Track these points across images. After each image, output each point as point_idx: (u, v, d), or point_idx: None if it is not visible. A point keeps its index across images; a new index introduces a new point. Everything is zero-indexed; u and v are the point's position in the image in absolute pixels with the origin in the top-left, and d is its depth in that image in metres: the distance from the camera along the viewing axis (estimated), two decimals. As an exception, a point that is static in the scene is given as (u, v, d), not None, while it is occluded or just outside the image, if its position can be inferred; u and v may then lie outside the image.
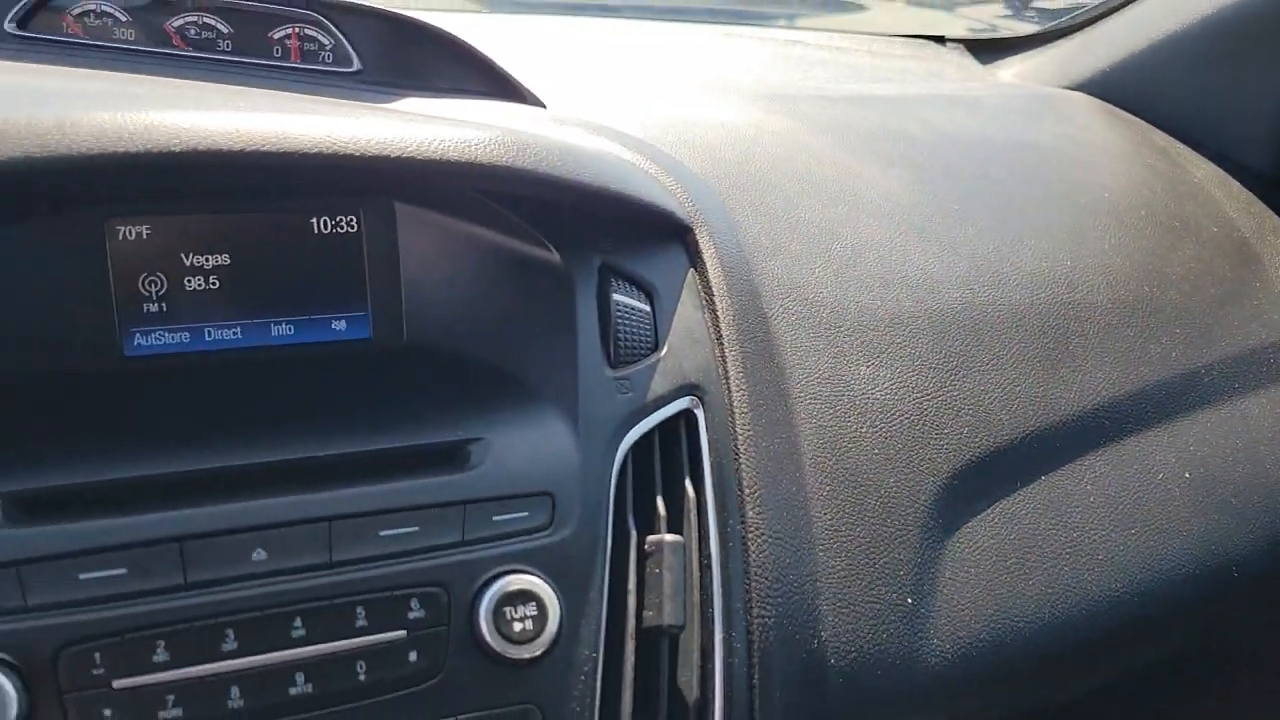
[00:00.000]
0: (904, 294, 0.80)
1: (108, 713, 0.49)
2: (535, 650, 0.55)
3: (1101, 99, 1.20)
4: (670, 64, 1.18)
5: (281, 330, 0.68)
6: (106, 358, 0.64)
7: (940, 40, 1.40)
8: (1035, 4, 2.39)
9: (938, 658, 0.70)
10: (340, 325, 0.69)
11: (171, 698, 0.50)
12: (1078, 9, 1.32)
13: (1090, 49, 1.26)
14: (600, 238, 0.68)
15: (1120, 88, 1.20)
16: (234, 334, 0.67)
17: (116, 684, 0.50)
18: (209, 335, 0.66)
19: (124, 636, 0.50)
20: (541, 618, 0.55)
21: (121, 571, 0.52)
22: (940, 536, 0.73)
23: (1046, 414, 0.80)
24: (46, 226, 0.62)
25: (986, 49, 1.39)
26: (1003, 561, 0.74)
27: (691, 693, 0.61)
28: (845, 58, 1.30)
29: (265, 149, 0.58)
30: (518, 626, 0.54)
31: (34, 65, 0.76)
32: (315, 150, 0.59)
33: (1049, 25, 1.37)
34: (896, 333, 0.78)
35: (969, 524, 0.75)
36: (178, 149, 0.56)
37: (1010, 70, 1.32)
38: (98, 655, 0.50)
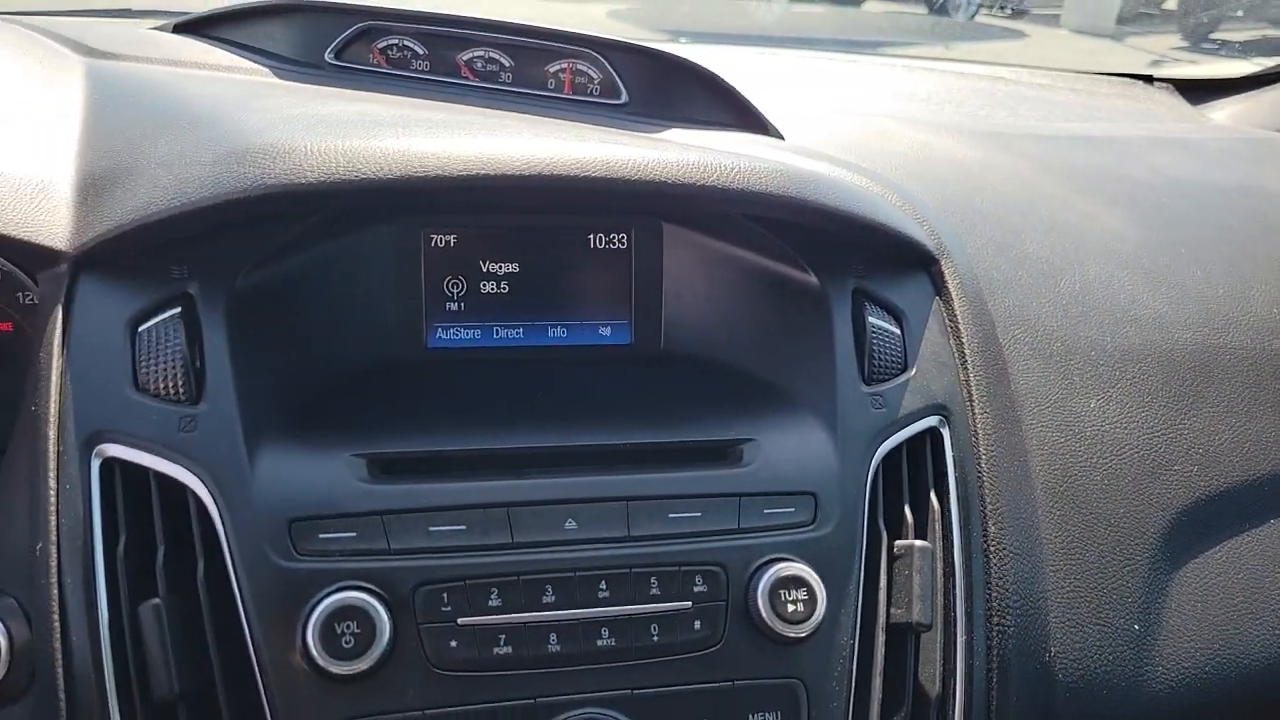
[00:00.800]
0: (1133, 331, 0.83)
1: (454, 644, 0.59)
2: (804, 631, 0.61)
3: (1327, 145, 1.18)
4: (863, 96, 1.23)
5: (556, 333, 0.77)
6: (413, 347, 0.75)
7: (1148, 80, 1.40)
8: (1213, 35, 2.31)
9: (1161, 685, 0.72)
10: (606, 331, 0.77)
11: (503, 637, 0.59)
12: (1262, 41, 1.29)
13: (1314, 93, 1.24)
14: (854, 263, 0.74)
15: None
16: (517, 333, 0.77)
17: (461, 621, 0.59)
18: (497, 333, 0.76)
19: (465, 582, 0.59)
20: (811, 602, 0.61)
21: (462, 528, 0.61)
22: (1167, 569, 0.75)
23: (1277, 459, 0.81)
24: (376, 234, 0.73)
25: (1196, 89, 1.38)
26: (1230, 600, 0.76)
27: (934, 687, 0.66)
28: (1051, 95, 1.32)
29: (570, 173, 0.66)
30: (791, 608, 0.61)
31: (352, 91, 0.88)
32: (613, 175, 0.67)
33: (1267, 67, 1.35)
34: (1126, 369, 0.81)
35: (1196, 560, 0.77)
36: (499, 172, 0.65)
37: (1224, 112, 1.31)
38: (445, 595, 0.59)
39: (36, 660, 0.59)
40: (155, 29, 0.98)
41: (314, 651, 0.56)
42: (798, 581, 0.61)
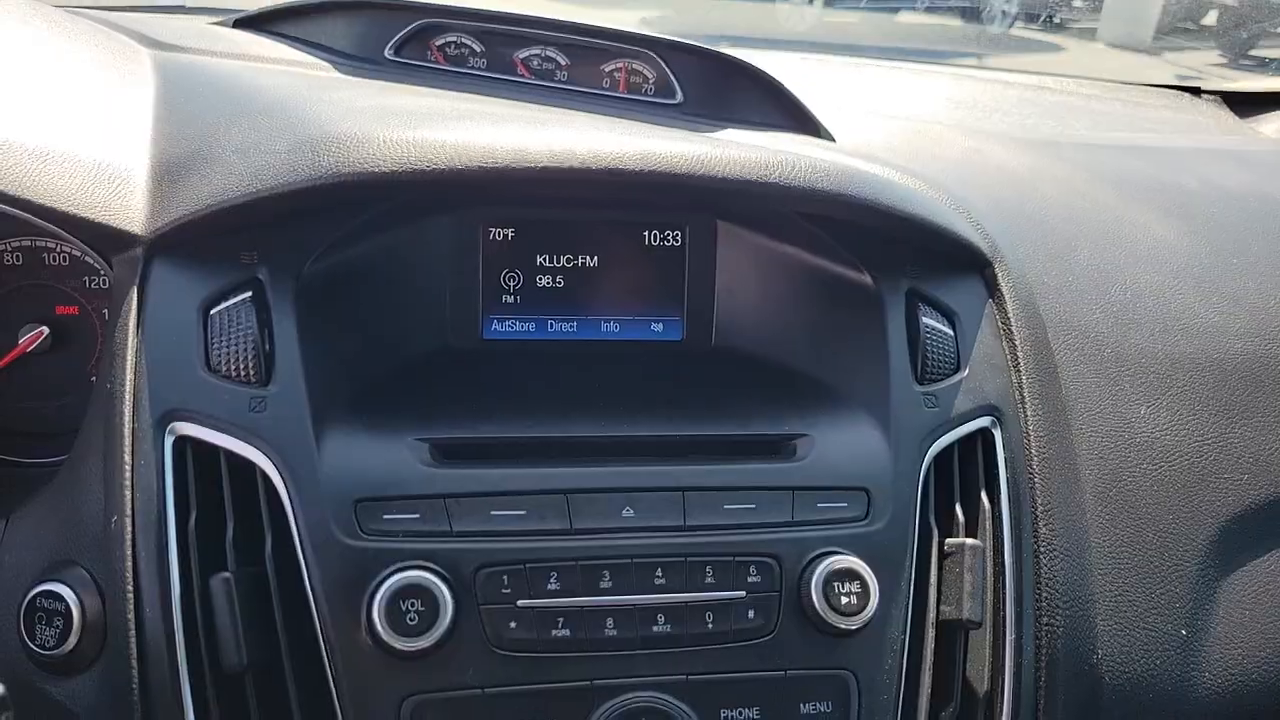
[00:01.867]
0: (1183, 340, 0.83)
1: (513, 625, 0.60)
2: (856, 623, 0.62)
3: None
4: (908, 101, 1.23)
5: (609, 327, 0.78)
6: (469, 338, 0.76)
7: (1195, 91, 1.39)
8: (1252, 52, 2.29)
9: (1208, 691, 0.72)
10: (658, 327, 0.79)
11: (561, 620, 0.60)
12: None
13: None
14: (909, 264, 0.75)
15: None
16: (571, 327, 0.78)
17: (520, 603, 0.60)
18: (551, 326, 0.78)
19: (525, 566, 0.61)
20: (864, 595, 0.62)
21: (522, 513, 0.62)
22: (1215, 577, 0.75)
23: (1329, 471, 0.81)
24: (436, 227, 0.75)
25: (1244, 102, 1.37)
26: (1278, 609, 0.76)
27: (982, 684, 0.66)
28: (1097, 105, 1.32)
29: (633, 167, 0.67)
30: (844, 600, 0.62)
31: (412, 86, 0.90)
32: (675, 170, 0.68)
33: (1317, 81, 1.34)
34: (1176, 376, 0.81)
35: (1245, 569, 0.77)
36: (567, 165, 0.66)
37: (1273, 125, 1.30)
38: (506, 577, 0.60)
39: (108, 629, 0.61)
40: (214, 24, 1.01)
41: (379, 628, 0.57)
42: (851, 574, 0.62)
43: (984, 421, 0.71)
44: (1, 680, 0.64)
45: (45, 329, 0.80)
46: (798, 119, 0.92)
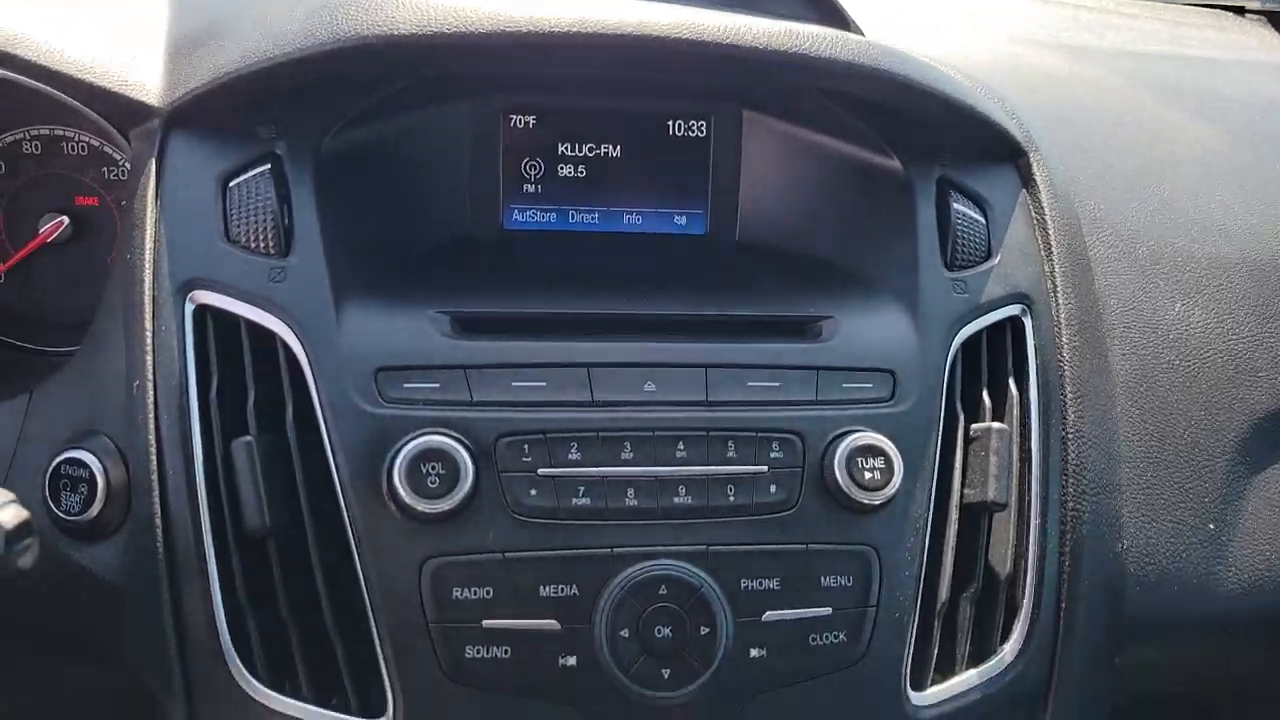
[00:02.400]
0: (1221, 241, 0.81)
1: (533, 492, 0.60)
2: (879, 498, 0.61)
3: None
4: (941, 15, 1.20)
5: (631, 219, 0.77)
6: (490, 227, 0.75)
7: (1239, 10, 1.34)
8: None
9: (1235, 586, 0.71)
10: (681, 220, 0.77)
11: (582, 489, 0.60)
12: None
13: None
14: (940, 151, 0.73)
15: None
16: (593, 218, 0.77)
17: (541, 471, 0.60)
18: (572, 218, 0.76)
19: (546, 435, 0.60)
20: (888, 470, 0.61)
21: (543, 384, 0.62)
22: (1245, 473, 0.74)
23: (1365, 373, 0.79)
24: (456, 112, 0.73)
25: (1291, 22, 1.32)
26: (1308, 507, 0.74)
27: (1005, 567, 0.66)
28: (1138, 23, 1.27)
29: (662, 34, 0.64)
30: (868, 475, 0.61)
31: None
32: (703, 38, 0.65)
33: (1367, 1, 1.29)
34: (1213, 276, 0.79)
35: (1274, 468, 0.75)
36: (593, 30, 0.63)
37: (1319, 44, 1.26)
38: (526, 446, 0.60)
39: (132, 494, 0.61)
40: None
41: (400, 490, 0.57)
42: (875, 450, 0.61)
43: (1014, 309, 0.70)
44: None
45: (65, 219, 0.80)
46: (826, 12, 0.89)
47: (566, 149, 0.75)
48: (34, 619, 0.64)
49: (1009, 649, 0.66)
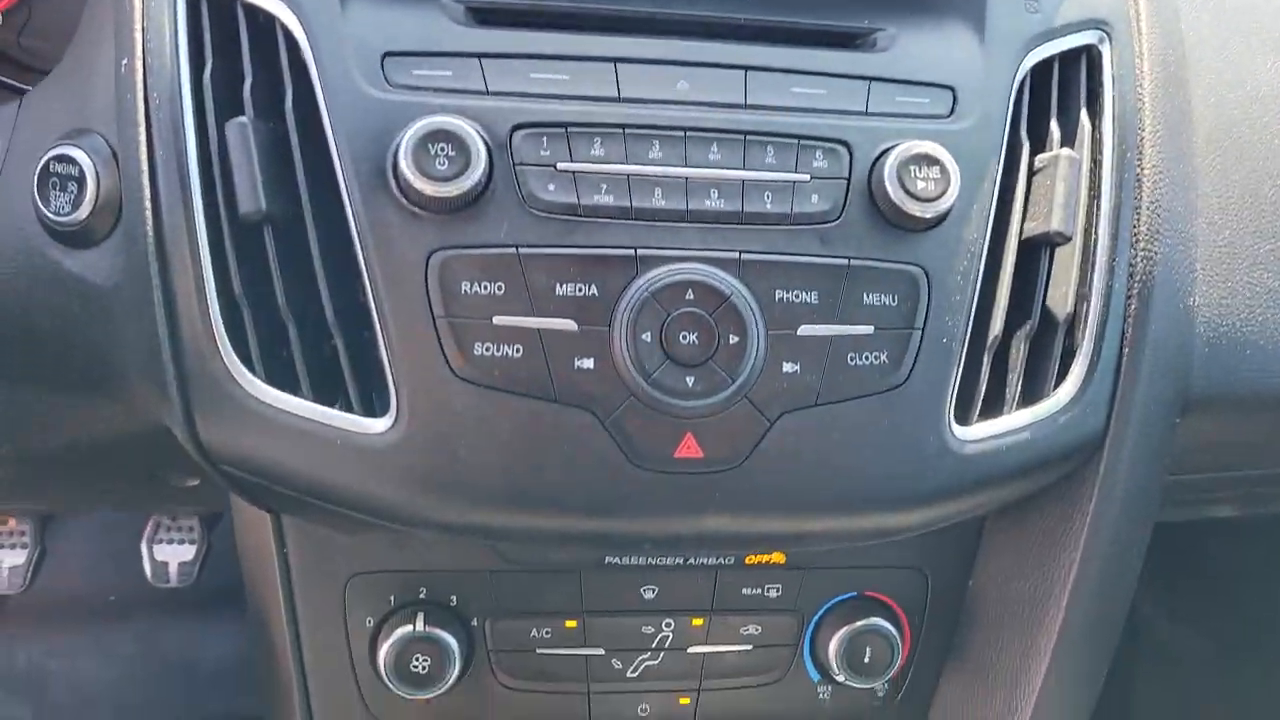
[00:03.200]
0: (1323, 0, 0.73)
1: (551, 187, 0.54)
2: (931, 211, 0.55)
3: None
4: None
5: None
6: None
7: None
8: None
9: None
10: None
11: (604, 185, 0.54)
12: None
13: None
14: None
15: None
16: None
17: (560, 165, 0.54)
18: None
19: (567, 128, 0.55)
20: (944, 181, 0.55)
21: (564, 77, 0.56)
22: (1332, 241, 0.67)
23: None
24: None
25: None
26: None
27: (1065, 306, 0.60)
28: None
29: None
30: (921, 185, 0.55)
31: None
32: None
33: None
34: (1311, 35, 0.71)
35: (1365, 237, 0.68)
36: None
37: None
38: (545, 139, 0.54)
39: (123, 186, 0.57)
40: None
41: (405, 168, 0.52)
42: (930, 159, 0.55)
43: (1091, 36, 0.62)
44: (19, 254, 0.61)
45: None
46: None
47: None
48: (22, 330, 0.60)
49: (1063, 393, 0.60)
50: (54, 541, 1.31)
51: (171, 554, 1.26)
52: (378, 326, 0.54)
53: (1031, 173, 0.61)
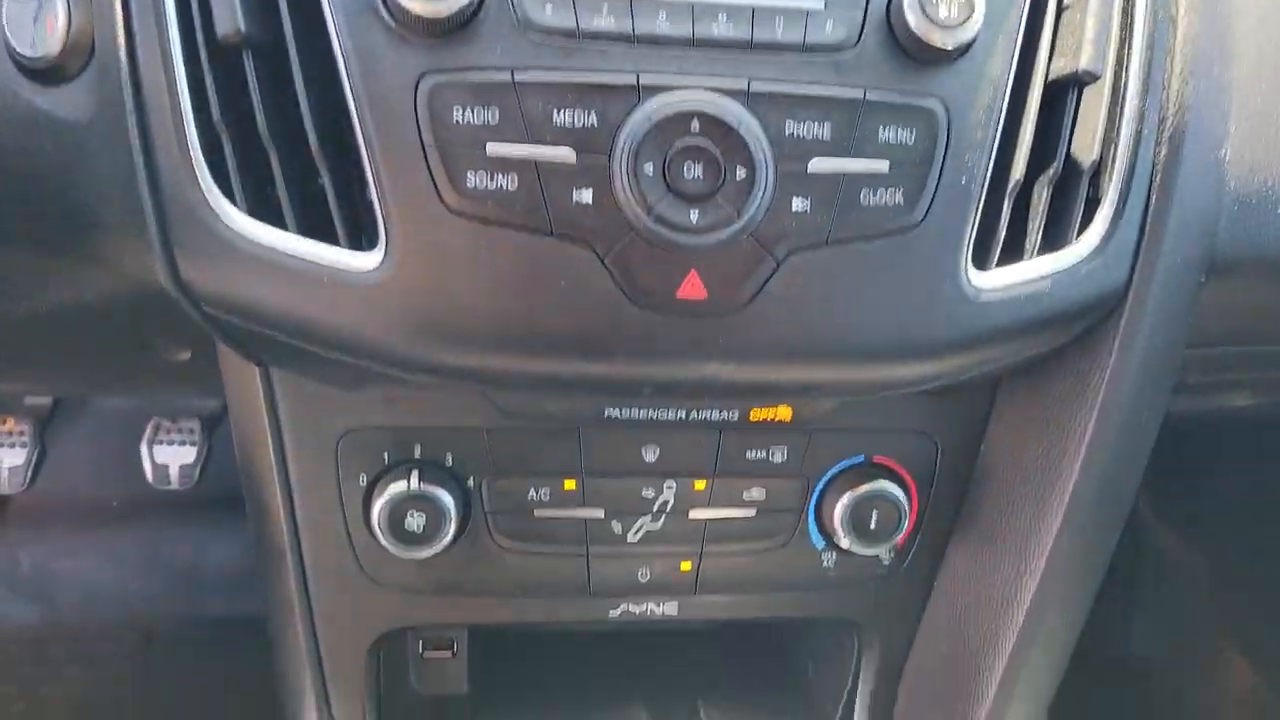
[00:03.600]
0: None
1: (548, 8, 0.50)
2: (953, 41, 0.51)
3: None
4: None
5: None
6: None
7: None
8: None
9: None
10: None
11: (605, 6, 0.50)
12: None
13: None
14: None
15: None
16: None
17: None
18: None
19: None
20: (968, 6, 0.51)
21: None
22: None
23: None
24: None
25: None
26: None
27: (1091, 151, 0.57)
28: None
29: None
30: (943, 11, 0.51)
31: None
32: None
33: None
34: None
35: None
36: None
37: None
38: None
39: (95, 13, 0.53)
40: None
41: None
42: None
43: None
44: None
45: None
46: None
47: None
48: None
49: (1086, 242, 0.57)
50: (54, 445, 1.31)
51: (172, 456, 1.26)
52: (365, 156, 0.51)
53: (1061, 8, 0.57)
